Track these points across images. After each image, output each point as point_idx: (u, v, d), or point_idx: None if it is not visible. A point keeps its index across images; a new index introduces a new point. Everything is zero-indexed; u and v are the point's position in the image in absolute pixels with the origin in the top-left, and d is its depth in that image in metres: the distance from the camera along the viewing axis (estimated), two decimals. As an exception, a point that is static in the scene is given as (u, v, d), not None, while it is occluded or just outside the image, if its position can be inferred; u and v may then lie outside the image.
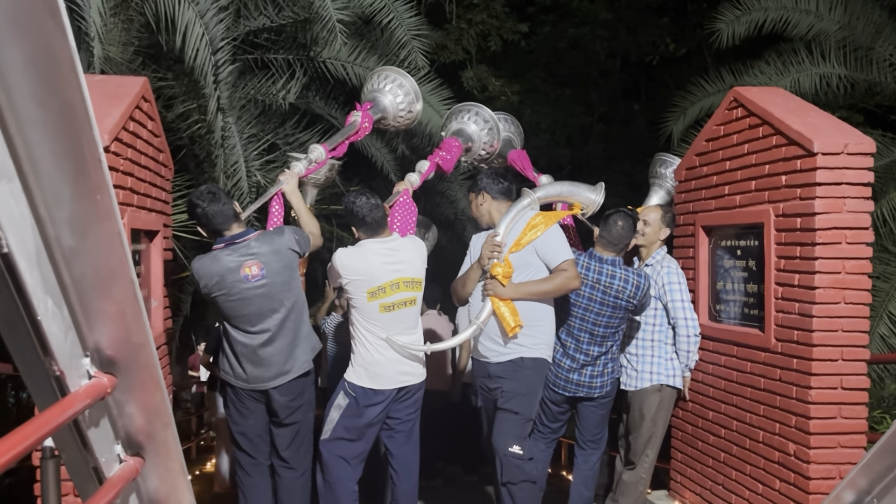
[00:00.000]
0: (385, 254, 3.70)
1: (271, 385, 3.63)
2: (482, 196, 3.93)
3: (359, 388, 3.67)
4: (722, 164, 4.10)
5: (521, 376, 3.74)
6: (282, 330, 3.60)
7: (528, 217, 3.77)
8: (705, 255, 4.31)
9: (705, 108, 9.07)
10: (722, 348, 4.09)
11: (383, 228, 3.75)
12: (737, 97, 3.95)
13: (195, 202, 3.45)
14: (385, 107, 4.41)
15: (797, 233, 3.47)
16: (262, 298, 3.53)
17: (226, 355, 3.67)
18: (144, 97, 3.62)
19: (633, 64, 14.22)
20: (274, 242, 3.58)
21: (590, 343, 4.12)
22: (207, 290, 3.50)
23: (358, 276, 3.63)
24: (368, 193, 3.71)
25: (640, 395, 4.32)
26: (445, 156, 4.36)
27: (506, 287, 3.67)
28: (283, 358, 3.61)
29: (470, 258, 3.95)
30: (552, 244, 3.71)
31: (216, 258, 3.49)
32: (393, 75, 4.47)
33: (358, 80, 7.71)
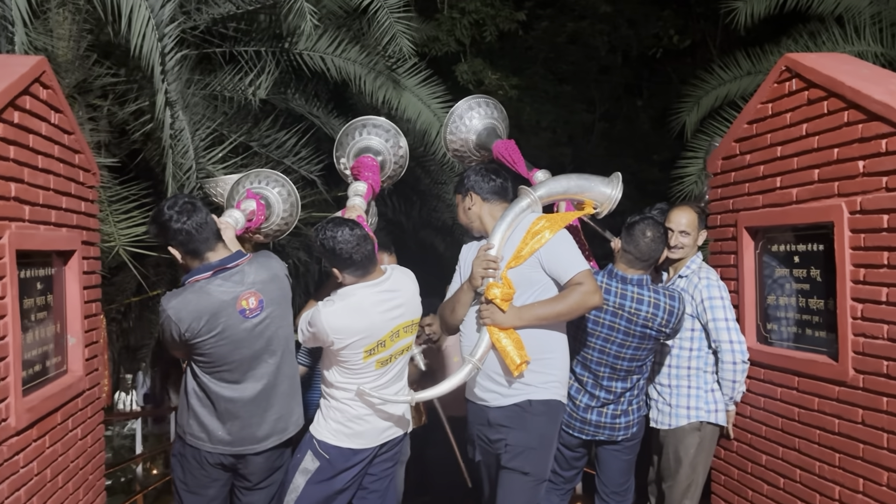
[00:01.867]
0: (383, 300, 2.95)
1: (260, 448, 2.89)
2: (470, 198, 3.18)
3: (333, 447, 2.93)
4: (771, 151, 3.32)
5: (530, 425, 3.01)
6: (279, 376, 2.89)
7: (529, 221, 3.03)
8: (751, 263, 3.52)
9: (721, 96, 8.37)
10: (777, 377, 3.30)
11: (375, 264, 2.98)
12: (791, 66, 3.17)
13: (169, 213, 2.70)
14: (271, 201, 3.42)
15: (883, 234, 2.68)
16: (259, 339, 2.81)
17: (194, 415, 2.90)
18: (42, 82, 2.84)
19: (635, 58, 13.83)
20: (271, 267, 2.90)
21: (611, 378, 3.34)
22: (191, 333, 2.74)
23: (354, 336, 2.87)
24: (350, 223, 2.91)
25: (675, 434, 3.54)
26: (371, 175, 3.52)
27: (507, 313, 2.93)
28: (279, 413, 2.91)
29: (460, 276, 3.24)
30: (561, 253, 2.98)
31: (204, 291, 2.73)
32: (275, 176, 3.53)
33: (339, 73, 6.94)
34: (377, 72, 6.87)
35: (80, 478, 3.16)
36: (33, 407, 2.64)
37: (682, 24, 13.10)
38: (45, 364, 2.91)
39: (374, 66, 6.88)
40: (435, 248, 10.45)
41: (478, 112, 3.85)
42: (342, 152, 3.68)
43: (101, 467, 3.46)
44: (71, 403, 3.07)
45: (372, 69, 6.86)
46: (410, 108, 7.07)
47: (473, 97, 3.90)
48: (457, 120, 3.77)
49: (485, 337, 2.95)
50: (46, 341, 2.93)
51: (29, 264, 2.76)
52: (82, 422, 3.20)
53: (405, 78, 7.03)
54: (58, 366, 3.05)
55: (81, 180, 3.25)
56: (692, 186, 7.56)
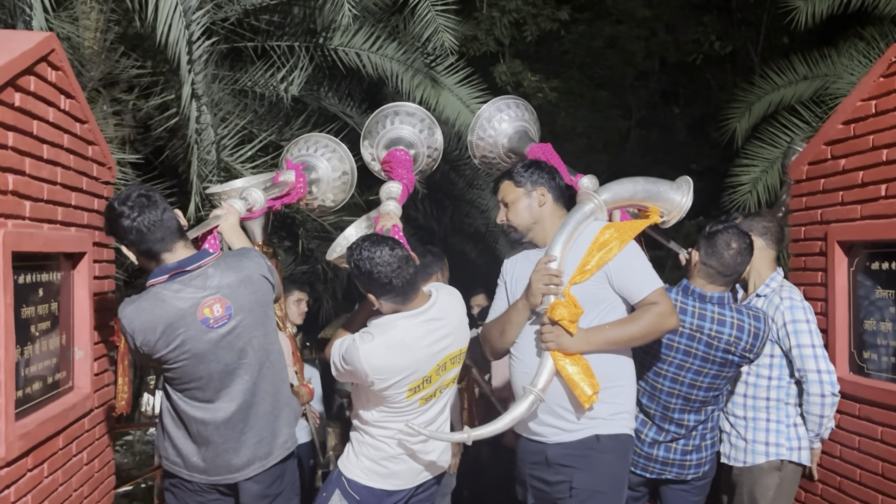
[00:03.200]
0: (428, 332, 2.53)
1: (240, 477, 2.51)
2: (541, 194, 2.70)
3: (364, 488, 2.55)
4: (875, 155, 2.90)
5: (598, 464, 2.58)
6: (257, 394, 2.48)
7: (595, 230, 2.62)
8: (844, 282, 3.10)
9: (775, 102, 7.97)
10: (877, 415, 2.88)
11: (417, 290, 2.54)
12: (904, 57, 2.76)
13: (118, 208, 2.31)
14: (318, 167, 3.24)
15: None
16: (229, 351, 2.41)
17: (168, 436, 2.53)
18: (51, 62, 2.50)
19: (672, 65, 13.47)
20: (241, 267, 2.47)
21: (683, 410, 2.94)
22: (148, 347, 2.36)
23: (399, 375, 2.47)
24: (391, 240, 2.48)
25: (751, 473, 3.11)
26: (405, 173, 3.17)
27: (574, 336, 2.50)
28: (259, 436, 2.50)
29: (507, 291, 2.82)
30: (634, 268, 2.58)
31: (158, 298, 2.35)
32: (324, 141, 3.32)
33: (375, 71, 6.62)
34: (415, 69, 6.55)
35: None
36: (28, 433, 2.29)
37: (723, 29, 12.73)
38: (46, 381, 2.57)
39: (412, 64, 6.56)
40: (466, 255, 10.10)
41: (507, 114, 3.51)
42: (371, 141, 3.34)
43: (109, 493, 3.13)
44: (76, 425, 2.73)
45: (410, 67, 6.54)
46: (449, 108, 6.74)
47: (501, 98, 3.57)
48: (485, 123, 3.44)
49: (547, 363, 2.52)
50: (49, 355, 2.60)
51: (30, 268, 2.42)
52: (88, 445, 2.86)
53: (444, 76, 6.70)
54: (62, 382, 2.72)
55: (95, 175, 2.92)
56: (746, 196, 7.14)
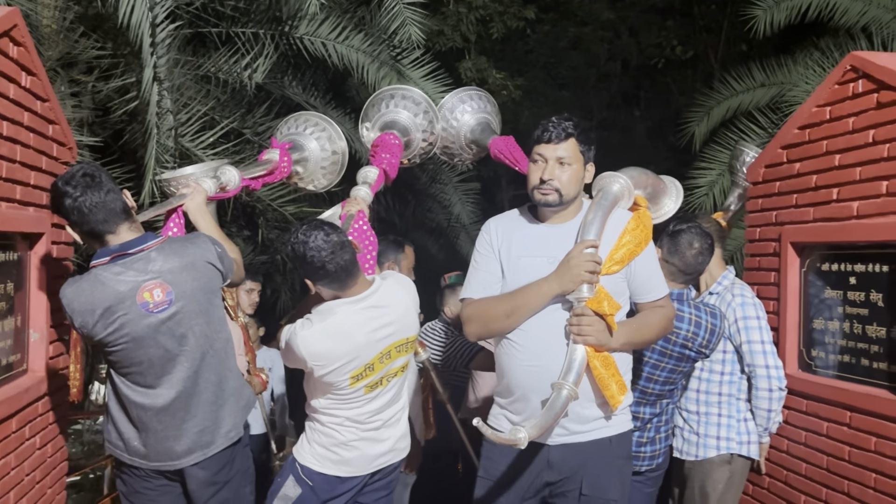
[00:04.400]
0: (369, 319, 2.52)
1: (182, 464, 2.48)
2: (590, 168, 2.41)
3: (318, 474, 2.55)
4: (828, 160, 2.99)
5: (610, 469, 2.41)
6: (199, 382, 2.45)
7: (625, 220, 2.40)
8: (795, 283, 3.20)
9: (733, 107, 8.13)
10: (823, 411, 2.98)
11: (355, 277, 2.51)
12: (858, 65, 2.84)
13: (62, 188, 2.27)
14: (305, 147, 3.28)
15: (969, 257, 2.36)
16: (170, 337, 2.37)
17: (111, 419, 2.50)
18: (12, 37, 2.45)
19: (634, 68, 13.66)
20: (186, 253, 2.43)
21: (640, 403, 3.00)
22: (85, 329, 2.33)
23: (338, 362, 2.47)
24: (328, 226, 2.47)
25: (702, 467, 3.20)
26: (389, 158, 3.19)
27: (616, 330, 2.29)
28: (201, 424, 2.47)
29: (500, 260, 2.43)
30: (656, 267, 2.46)
31: (98, 280, 2.31)
32: (315, 119, 3.35)
33: (340, 61, 6.58)
34: (381, 61, 6.53)
35: (36, 492, 2.78)
36: (-19, 415, 2.25)
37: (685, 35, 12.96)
38: (0, 363, 2.53)
39: (378, 56, 6.53)
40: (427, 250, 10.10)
41: (470, 105, 3.56)
42: (369, 123, 3.36)
43: (61, 479, 3.08)
44: (29, 408, 2.68)
45: (376, 59, 6.51)
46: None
47: (464, 89, 3.62)
48: (447, 114, 3.48)
49: (577, 358, 2.23)
50: (4, 337, 2.55)
51: (-10, 247, 2.38)
52: (41, 429, 2.81)
53: (410, 70, 6.69)
54: (16, 364, 2.67)
55: (55, 155, 2.87)
56: (703, 198, 7.28)
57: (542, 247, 2.36)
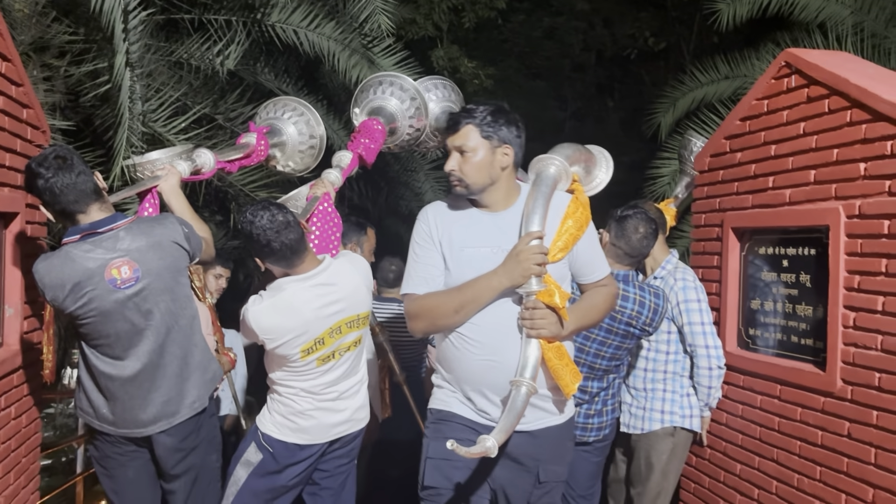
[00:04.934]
0: (316, 296, 2.68)
1: (148, 432, 2.63)
2: (505, 151, 2.28)
3: (278, 441, 2.71)
4: (765, 150, 3.19)
5: (564, 453, 2.45)
6: (164, 356, 2.60)
7: (565, 204, 2.34)
8: (736, 266, 3.40)
9: (697, 99, 8.33)
10: (758, 385, 3.18)
11: (301, 256, 2.67)
12: (791, 61, 3.04)
13: (35, 169, 2.40)
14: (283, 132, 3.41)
15: (883, 240, 2.56)
16: (136, 312, 2.51)
17: (83, 388, 2.65)
18: (-12, 24, 2.58)
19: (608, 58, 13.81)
20: (153, 233, 2.57)
21: (588, 378, 3.19)
22: (56, 302, 2.47)
23: (286, 335, 2.63)
24: (275, 207, 2.62)
25: (647, 439, 3.40)
26: (368, 143, 3.32)
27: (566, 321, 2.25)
28: (166, 395, 2.61)
29: (442, 252, 2.34)
30: (597, 248, 2.43)
31: (69, 257, 2.45)
32: (293, 104, 3.49)
33: (312, 49, 6.68)
34: (352, 49, 6.63)
35: (11, 460, 2.91)
36: (-40, 382, 2.38)
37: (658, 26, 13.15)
38: (-24, 336, 2.66)
39: (350, 44, 6.63)
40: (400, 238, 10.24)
41: (434, 94, 3.69)
42: (358, 109, 3.49)
43: (35, 449, 3.20)
44: (5, 380, 2.81)
45: (347, 46, 6.61)
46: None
47: (429, 78, 3.74)
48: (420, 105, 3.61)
49: (533, 352, 2.20)
50: (-21, 311, 2.68)
51: (-37, 225, 2.50)
52: (17, 400, 2.94)
53: (381, 58, 6.80)
54: (-8, 338, 2.80)
55: (29, 137, 2.99)
56: (665, 188, 7.49)
57: (485, 236, 2.29)
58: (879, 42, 6.99)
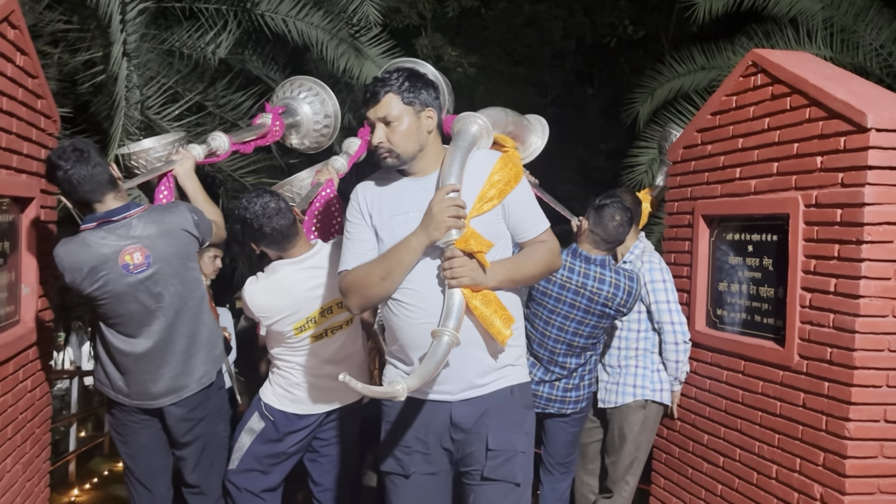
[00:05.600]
0: (307, 278, 2.88)
1: (159, 404, 2.84)
2: (429, 114, 2.26)
3: (277, 411, 2.93)
4: (733, 143, 3.43)
5: (516, 421, 2.33)
6: (173, 335, 2.80)
7: (492, 160, 2.30)
8: (705, 250, 3.64)
9: (675, 89, 8.57)
10: (724, 361, 3.44)
11: (293, 241, 2.86)
12: (757, 61, 3.27)
13: (55, 161, 2.59)
14: (298, 112, 3.53)
15: (836, 227, 2.81)
16: (148, 295, 2.72)
17: (100, 361, 2.85)
18: (10, 22, 2.74)
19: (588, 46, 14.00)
20: (164, 221, 2.76)
21: (567, 355, 3.43)
22: (74, 285, 2.67)
23: (280, 314, 2.85)
24: (269, 194, 2.83)
25: (621, 412, 3.65)
26: None
27: (491, 268, 2.21)
28: (175, 371, 2.82)
29: (371, 224, 2.31)
30: (531, 204, 2.35)
31: (85, 243, 2.65)
32: (309, 84, 3.60)
33: (300, 37, 6.85)
34: (340, 39, 6.81)
35: (27, 430, 3.10)
36: (-12, 355, 2.57)
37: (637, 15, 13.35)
38: (2, 312, 2.84)
39: (337, 33, 6.81)
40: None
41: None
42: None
43: (47, 421, 3.40)
44: (22, 354, 3.00)
45: (335, 35, 6.79)
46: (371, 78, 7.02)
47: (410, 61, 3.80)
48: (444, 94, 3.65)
49: (455, 302, 2.15)
50: (3, 289, 2.86)
51: (-11, 209, 2.68)
52: (32, 374, 3.13)
53: (368, 47, 6.98)
54: (10, 315, 2.97)
55: (42, 126, 3.16)
56: (643, 175, 7.74)
57: (413, 202, 2.25)
58: (848, 37, 7.27)
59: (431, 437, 2.32)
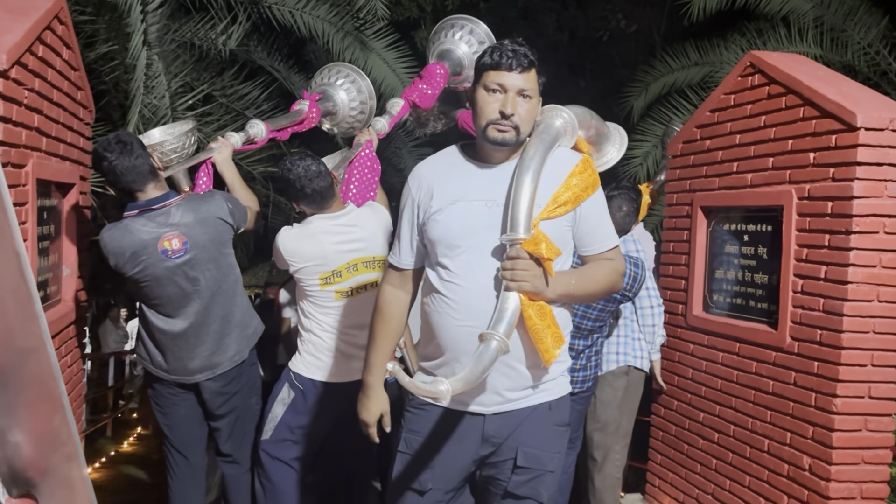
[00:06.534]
0: (337, 232, 3.08)
1: (195, 379, 3.04)
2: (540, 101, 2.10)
3: (307, 379, 3.10)
4: (731, 138, 3.65)
5: (549, 438, 2.11)
6: (208, 316, 2.98)
7: (573, 161, 2.07)
8: (703, 240, 3.87)
9: (668, 84, 8.76)
10: (719, 343, 3.67)
11: (330, 200, 3.09)
12: (755, 62, 3.49)
13: (101, 153, 2.77)
14: (336, 101, 3.66)
15: (827, 219, 3.04)
16: (184, 279, 2.90)
17: (142, 339, 3.04)
18: (59, 18, 2.92)
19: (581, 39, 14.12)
20: (200, 210, 2.94)
21: (575, 336, 3.62)
22: (118, 268, 2.85)
23: (308, 261, 3.04)
24: (310, 157, 3.05)
25: (605, 379, 3.83)
26: (425, 89, 3.50)
27: (553, 279, 1.97)
28: (210, 349, 3.01)
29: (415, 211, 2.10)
30: (605, 216, 2.13)
31: (127, 229, 2.83)
32: (346, 70, 3.73)
33: (307, 29, 7.02)
34: (345, 31, 6.98)
35: (66, 404, 3.28)
36: (43, 330, 2.76)
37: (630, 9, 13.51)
38: (46, 292, 3.02)
39: (343, 26, 6.98)
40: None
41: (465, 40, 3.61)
42: (430, 52, 3.64)
43: (81, 396, 3.59)
44: (64, 332, 3.18)
45: (340, 28, 6.96)
46: (376, 70, 7.21)
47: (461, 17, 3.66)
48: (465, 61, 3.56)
49: (509, 307, 1.90)
50: (47, 270, 3.04)
51: (39, 194, 2.85)
52: (71, 350, 3.32)
53: (373, 40, 7.16)
54: (53, 294, 3.16)
55: (81, 116, 3.34)
56: (637, 168, 7.96)
57: (480, 190, 2.02)
58: (837, 35, 7.50)
59: (459, 451, 2.10)
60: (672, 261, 4.00)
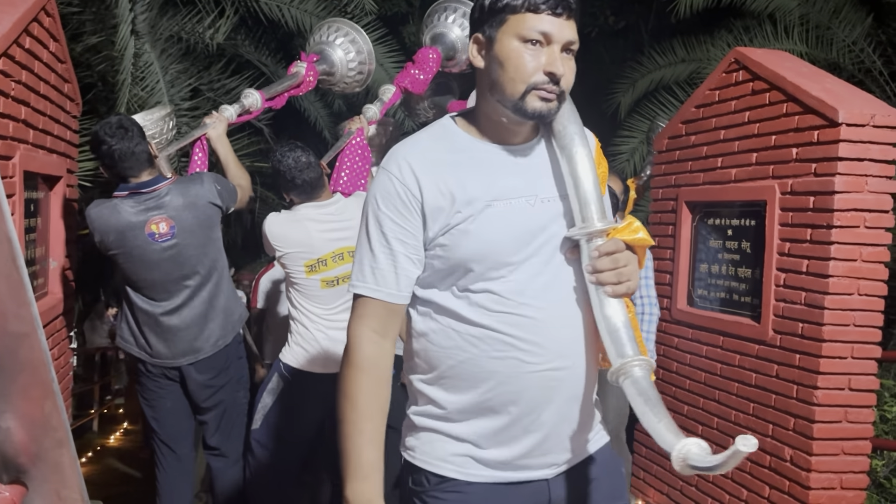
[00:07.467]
0: (324, 220, 3.12)
1: (177, 363, 3.05)
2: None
3: (296, 370, 3.12)
4: (715, 134, 3.68)
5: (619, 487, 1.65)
6: (192, 301, 3.00)
7: (592, 141, 1.61)
8: (687, 234, 3.91)
9: (656, 80, 8.81)
10: (703, 337, 3.71)
11: (319, 190, 3.13)
12: (739, 59, 3.52)
13: (101, 136, 2.79)
14: (333, 62, 3.63)
15: (809, 213, 3.08)
16: (171, 263, 2.92)
17: (125, 320, 3.06)
18: (46, 10, 2.91)
19: (569, 35, 14.14)
20: (189, 193, 2.95)
21: None
22: (104, 245, 2.88)
23: (293, 247, 3.07)
24: (300, 149, 3.08)
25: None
26: (417, 74, 3.50)
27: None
28: (193, 334, 3.02)
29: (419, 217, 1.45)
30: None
31: (116, 209, 2.85)
32: (346, 28, 3.69)
33: (294, 24, 7.02)
34: (334, 26, 6.96)
35: (54, 396, 3.28)
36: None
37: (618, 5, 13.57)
38: (33, 284, 3.02)
39: (331, 21, 6.96)
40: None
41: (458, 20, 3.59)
42: (424, 35, 3.63)
43: (69, 388, 3.58)
44: (51, 325, 3.18)
45: (328, 23, 6.94)
46: (366, 68, 7.19)
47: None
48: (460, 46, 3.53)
49: (620, 317, 1.43)
50: (34, 263, 3.04)
51: (25, 186, 2.85)
52: (59, 342, 3.31)
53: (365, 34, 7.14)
54: (40, 287, 3.16)
55: (68, 109, 3.33)
56: (624, 164, 8.01)
57: (517, 182, 1.47)
58: (823, 33, 7.56)
59: None
60: (656, 255, 4.03)
